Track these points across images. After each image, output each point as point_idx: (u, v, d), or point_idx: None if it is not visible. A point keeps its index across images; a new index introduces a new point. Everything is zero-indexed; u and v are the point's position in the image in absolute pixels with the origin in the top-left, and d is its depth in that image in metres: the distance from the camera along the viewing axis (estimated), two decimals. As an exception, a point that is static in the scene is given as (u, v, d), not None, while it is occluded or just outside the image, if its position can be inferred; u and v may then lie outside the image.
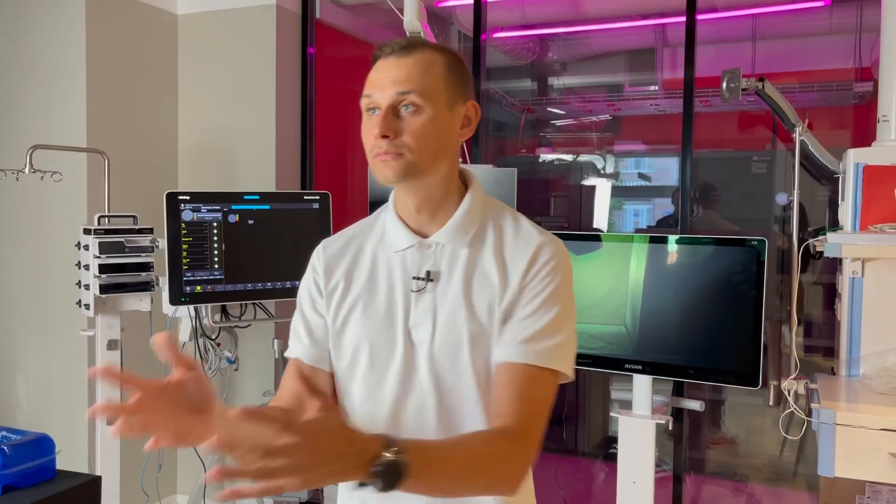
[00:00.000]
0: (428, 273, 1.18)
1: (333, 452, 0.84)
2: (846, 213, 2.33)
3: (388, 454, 0.88)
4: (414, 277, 1.18)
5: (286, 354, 1.28)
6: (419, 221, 1.20)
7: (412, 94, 1.11)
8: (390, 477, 0.88)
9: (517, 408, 1.08)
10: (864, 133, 3.88)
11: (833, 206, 2.74)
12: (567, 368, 1.15)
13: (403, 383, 1.17)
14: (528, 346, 1.12)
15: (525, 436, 1.07)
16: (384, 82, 1.12)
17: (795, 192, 2.46)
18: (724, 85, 2.46)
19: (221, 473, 0.81)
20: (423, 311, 1.17)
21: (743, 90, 2.45)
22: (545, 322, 1.13)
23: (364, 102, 1.14)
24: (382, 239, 1.24)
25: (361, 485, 0.88)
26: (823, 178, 2.80)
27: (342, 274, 1.23)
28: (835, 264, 2.57)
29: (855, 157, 2.33)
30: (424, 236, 1.20)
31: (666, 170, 5.23)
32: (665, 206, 5.19)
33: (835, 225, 2.53)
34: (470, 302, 1.15)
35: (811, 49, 4.21)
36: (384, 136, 1.10)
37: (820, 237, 2.33)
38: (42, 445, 1.83)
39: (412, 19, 2.26)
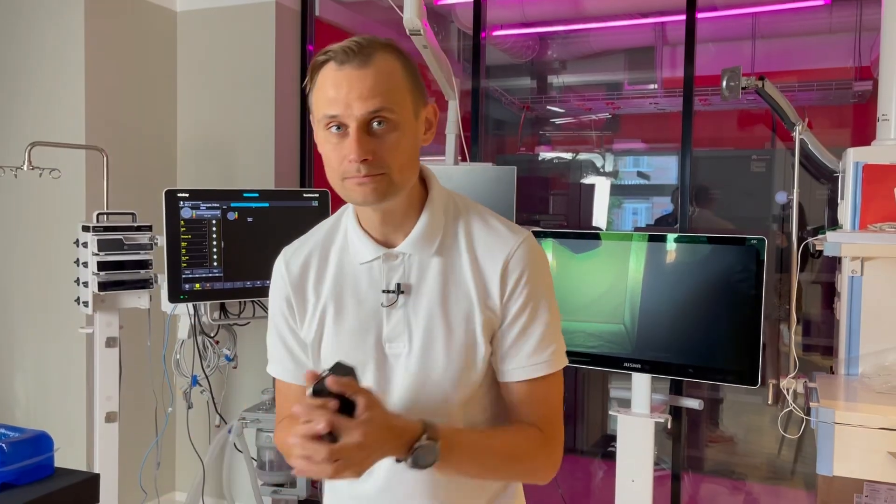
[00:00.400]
0: (398, 286, 1.14)
1: (377, 444, 0.98)
2: (845, 211, 2.33)
3: (422, 441, 1.01)
4: (384, 291, 1.14)
5: (268, 370, 1.25)
6: (384, 232, 1.15)
7: (384, 109, 1.03)
8: (422, 460, 1.02)
9: (541, 419, 1.16)
10: (864, 132, 3.88)
11: (832, 204, 2.74)
12: (565, 360, 1.19)
13: (383, 391, 1.15)
14: (535, 360, 1.15)
15: (552, 439, 1.17)
16: (350, 99, 1.02)
17: (795, 190, 2.46)
18: (724, 83, 2.46)
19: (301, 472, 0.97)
20: (396, 325, 1.14)
21: (743, 89, 2.45)
22: (542, 331, 1.15)
23: (325, 120, 1.05)
24: (346, 247, 1.18)
25: (398, 460, 1.03)
26: (823, 176, 2.80)
27: (311, 288, 1.18)
28: (833, 263, 2.57)
29: (855, 156, 2.32)
30: (389, 246, 1.15)
31: (664, 168, 5.24)
32: (663, 205, 5.19)
33: (834, 224, 2.53)
34: (447, 315, 1.13)
35: (811, 48, 4.21)
36: (363, 161, 1.03)
37: (819, 236, 2.33)
38: (40, 443, 1.82)
39: (412, 17, 2.25)
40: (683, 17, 3.03)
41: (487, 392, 1.18)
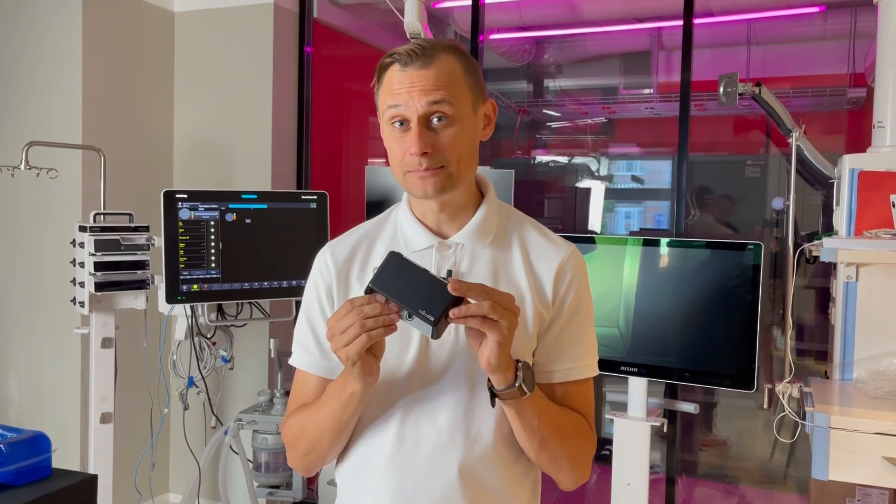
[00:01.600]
0: (449, 272, 1.17)
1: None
2: (841, 217, 2.35)
3: (522, 361, 1.08)
4: None
5: (291, 362, 1.26)
6: (439, 221, 1.20)
7: (444, 103, 1.10)
8: (528, 380, 1.07)
9: (586, 412, 1.22)
10: (857, 138, 3.91)
11: (827, 210, 2.76)
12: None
13: (417, 383, 1.16)
14: (584, 362, 1.21)
15: (594, 431, 1.23)
16: (413, 92, 1.10)
17: (792, 196, 2.48)
18: (722, 89, 2.48)
19: (460, 313, 1.00)
20: None
21: (740, 95, 2.47)
22: (589, 341, 1.23)
23: (389, 113, 1.12)
24: (395, 239, 1.22)
25: (492, 398, 1.09)
26: (818, 182, 2.82)
27: (355, 276, 1.21)
28: (826, 268, 2.59)
29: (850, 163, 2.34)
30: (442, 237, 1.20)
31: (658, 172, 5.26)
32: (656, 209, 5.22)
33: (829, 229, 2.55)
34: None
35: (805, 54, 4.24)
36: (424, 154, 1.09)
37: (815, 242, 2.34)
38: (38, 443, 1.81)
39: (413, 20, 2.26)
40: (679, 22, 3.05)
41: None
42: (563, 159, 5.24)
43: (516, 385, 1.06)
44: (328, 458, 1.22)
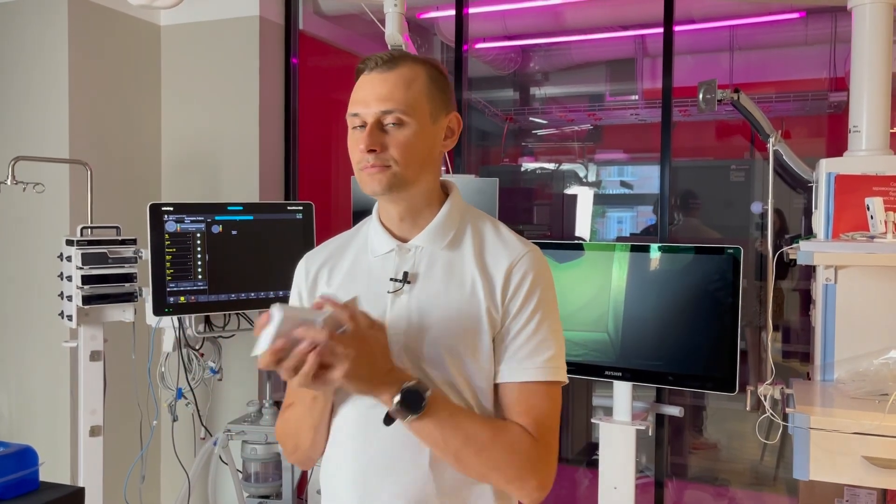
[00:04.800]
0: (405, 274, 1.20)
1: (377, 362, 1.06)
2: (819, 221, 2.38)
3: (412, 383, 1.08)
4: (391, 279, 1.21)
5: None
6: (402, 229, 1.24)
7: (396, 111, 1.15)
8: (410, 402, 1.07)
9: (529, 419, 1.16)
10: (838, 141, 3.95)
11: (809, 213, 2.79)
12: (563, 376, 1.21)
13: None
14: (528, 364, 1.17)
15: (542, 448, 1.16)
16: (368, 99, 1.16)
17: (770, 200, 2.50)
18: (700, 96, 2.51)
19: (273, 357, 1.02)
20: (398, 312, 1.19)
21: (719, 101, 2.50)
22: (539, 338, 1.18)
23: (352, 122, 1.19)
24: (364, 246, 1.27)
25: (386, 420, 1.09)
26: (798, 186, 2.85)
27: (324, 280, 1.27)
28: (811, 271, 2.61)
29: (827, 167, 2.37)
30: (405, 241, 1.24)
31: (649, 177, 5.30)
32: (647, 214, 5.25)
33: (809, 232, 2.58)
34: (449, 303, 1.19)
35: (788, 59, 4.28)
36: (370, 151, 1.14)
37: (793, 245, 2.37)
38: (25, 457, 1.83)
39: (393, 32, 2.29)
40: (661, 29, 3.08)
41: (481, 398, 1.19)
42: (550, 166, 5.27)
43: (392, 409, 1.08)
44: (315, 455, 1.27)
